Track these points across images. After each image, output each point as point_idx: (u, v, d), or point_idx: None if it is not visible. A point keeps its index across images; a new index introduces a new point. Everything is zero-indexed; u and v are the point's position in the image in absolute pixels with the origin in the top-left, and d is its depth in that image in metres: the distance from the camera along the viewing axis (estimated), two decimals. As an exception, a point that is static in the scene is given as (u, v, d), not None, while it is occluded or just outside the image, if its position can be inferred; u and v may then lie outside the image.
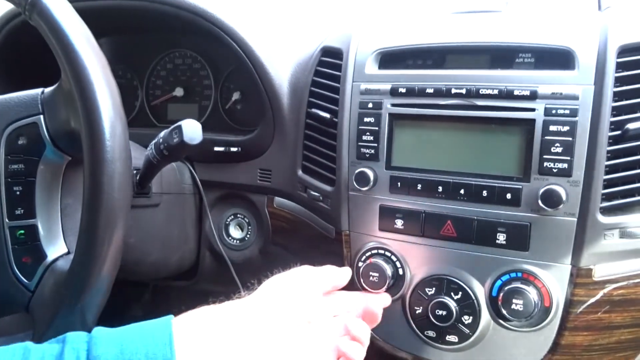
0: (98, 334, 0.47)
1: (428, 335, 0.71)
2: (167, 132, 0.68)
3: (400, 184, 0.70)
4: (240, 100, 1.00)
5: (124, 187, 0.54)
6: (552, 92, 0.62)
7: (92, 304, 0.55)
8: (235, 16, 0.85)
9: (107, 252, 0.53)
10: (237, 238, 0.98)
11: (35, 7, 0.55)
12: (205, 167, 0.94)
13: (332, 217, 0.78)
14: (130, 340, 0.46)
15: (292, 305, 0.57)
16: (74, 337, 0.46)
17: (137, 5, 0.86)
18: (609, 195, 0.61)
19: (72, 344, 0.45)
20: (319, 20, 0.93)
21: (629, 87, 0.61)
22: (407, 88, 0.69)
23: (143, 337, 0.46)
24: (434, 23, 0.74)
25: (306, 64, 0.85)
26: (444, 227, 0.68)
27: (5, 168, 0.60)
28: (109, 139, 0.53)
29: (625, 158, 0.61)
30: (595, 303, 0.64)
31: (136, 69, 1.09)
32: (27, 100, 0.61)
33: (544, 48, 0.64)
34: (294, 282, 0.61)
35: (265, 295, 0.58)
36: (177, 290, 1.23)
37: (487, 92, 0.65)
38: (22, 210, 0.60)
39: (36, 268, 0.60)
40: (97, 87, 0.53)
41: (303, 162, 0.83)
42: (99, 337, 0.46)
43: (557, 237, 0.62)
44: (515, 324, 0.66)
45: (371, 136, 0.71)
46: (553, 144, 0.61)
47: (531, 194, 0.63)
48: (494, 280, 0.66)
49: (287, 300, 0.57)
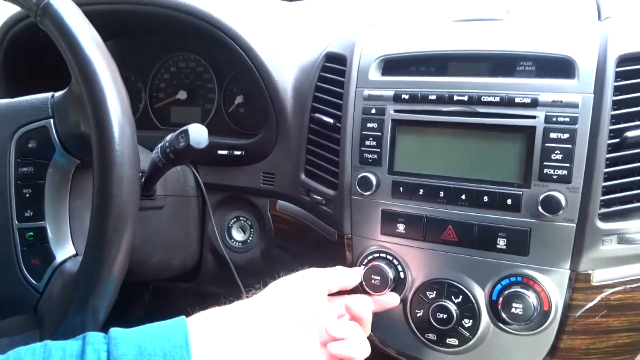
0: (116, 334, 0.47)
1: (429, 338, 0.72)
2: (174, 136, 0.69)
3: (403, 188, 0.71)
4: (244, 103, 1.00)
5: (133, 190, 0.55)
6: (553, 100, 0.63)
7: (100, 306, 0.56)
8: (240, 21, 0.86)
9: (115, 255, 0.54)
10: (240, 240, 0.98)
11: (46, 13, 0.56)
12: (208, 170, 0.95)
13: (334, 221, 0.79)
14: (149, 341, 0.47)
15: (299, 305, 0.58)
16: (94, 337, 0.47)
17: (144, 10, 0.87)
18: (607, 201, 0.62)
19: (93, 344, 0.46)
20: (323, 25, 0.94)
21: (628, 96, 0.62)
22: (410, 94, 0.70)
23: (160, 338, 0.47)
24: (436, 30, 0.75)
25: (310, 69, 0.86)
26: (445, 231, 0.69)
27: (15, 171, 0.61)
28: (118, 143, 0.54)
29: (624, 165, 0.62)
30: (593, 307, 0.65)
31: (140, 72, 1.09)
32: (37, 104, 0.62)
33: (545, 56, 0.65)
34: (301, 283, 0.61)
35: (274, 295, 0.59)
36: (177, 292, 1.24)
37: (488, 100, 0.66)
38: (31, 212, 0.61)
39: (45, 269, 0.61)
40: (107, 92, 0.54)
41: (306, 166, 0.84)
42: (118, 337, 0.47)
43: (556, 242, 0.64)
44: (514, 328, 0.67)
45: (374, 141, 0.72)
46: (553, 151, 0.62)
47: (531, 199, 0.64)
48: (494, 284, 0.67)
49: (294, 301, 0.58)
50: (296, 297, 0.59)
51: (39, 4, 0.56)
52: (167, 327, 0.49)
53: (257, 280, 0.65)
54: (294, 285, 0.61)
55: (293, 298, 0.59)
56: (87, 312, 0.55)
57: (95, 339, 0.47)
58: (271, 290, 0.60)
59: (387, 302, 0.70)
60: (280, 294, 0.59)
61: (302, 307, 0.58)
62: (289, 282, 0.62)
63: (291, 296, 0.59)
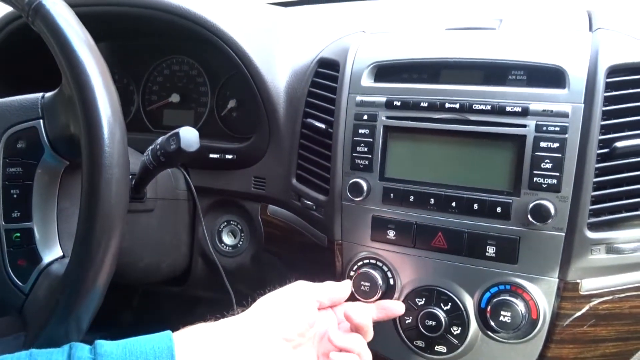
0: (103, 350, 0.48)
1: (417, 345, 0.72)
2: (165, 139, 0.69)
3: (393, 195, 0.71)
4: (236, 107, 1.00)
5: (122, 193, 0.55)
6: (543, 110, 0.63)
7: (86, 308, 0.55)
8: (234, 25, 0.86)
9: (102, 258, 0.54)
10: (230, 245, 0.98)
11: (38, 13, 0.56)
12: (199, 173, 0.95)
13: (325, 226, 0.78)
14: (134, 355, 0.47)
15: (284, 323, 0.59)
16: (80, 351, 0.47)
17: (137, 12, 0.87)
18: (596, 211, 0.62)
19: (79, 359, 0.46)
20: (316, 31, 0.94)
21: (617, 107, 0.62)
22: (402, 101, 0.71)
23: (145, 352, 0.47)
24: (429, 38, 0.76)
25: (303, 75, 0.86)
26: (435, 238, 0.69)
27: (3, 171, 0.61)
28: (108, 145, 0.53)
29: (613, 175, 0.62)
30: (581, 316, 0.65)
31: (133, 74, 1.09)
32: (27, 104, 0.62)
33: (536, 66, 0.66)
34: (288, 298, 0.62)
35: (260, 313, 0.60)
36: (166, 296, 1.23)
37: (480, 108, 0.66)
38: (18, 213, 0.61)
39: (31, 271, 0.60)
40: (97, 94, 0.54)
41: (297, 171, 0.84)
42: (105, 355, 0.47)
43: (545, 251, 0.64)
44: (503, 336, 0.67)
45: (365, 147, 0.73)
46: (543, 159, 0.63)
47: (521, 208, 0.64)
48: (483, 292, 0.67)
49: (280, 318, 0.59)
50: (282, 315, 0.59)
51: (30, 4, 0.56)
52: (153, 342, 0.49)
53: (246, 284, 0.65)
54: (280, 301, 0.61)
55: (279, 315, 0.59)
56: (72, 315, 0.54)
57: (82, 353, 0.47)
58: (258, 307, 0.61)
59: (393, 310, 0.70)
60: (266, 311, 0.60)
61: (287, 324, 0.59)
62: (276, 298, 0.62)
63: (277, 313, 0.60)
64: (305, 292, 0.63)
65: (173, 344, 0.50)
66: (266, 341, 0.56)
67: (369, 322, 0.64)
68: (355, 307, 0.67)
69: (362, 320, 0.63)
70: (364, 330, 0.63)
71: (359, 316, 0.63)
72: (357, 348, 0.62)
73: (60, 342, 0.52)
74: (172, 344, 0.50)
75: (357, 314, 0.63)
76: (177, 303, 1.24)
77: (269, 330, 0.57)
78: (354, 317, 0.62)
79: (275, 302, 0.61)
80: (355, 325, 0.63)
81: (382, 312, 0.70)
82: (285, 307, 0.60)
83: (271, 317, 0.59)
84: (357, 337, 0.63)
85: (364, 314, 0.64)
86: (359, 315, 0.63)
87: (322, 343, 0.64)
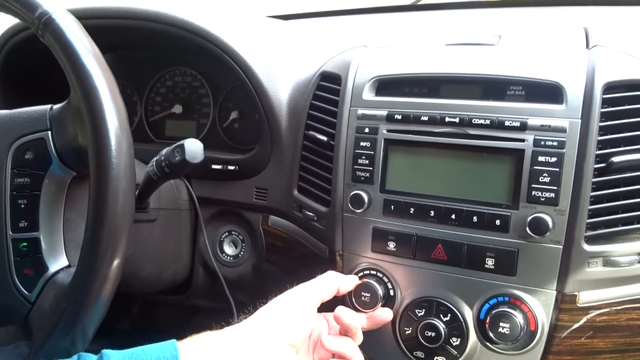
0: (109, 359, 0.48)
1: (417, 356, 0.72)
2: (169, 150, 0.70)
3: (394, 207, 0.72)
4: (238, 119, 1.01)
5: (128, 204, 0.56)
6: (541, 124, 0.64)
7: (92, 318, 0.56)
8: (237, 38, 0.87)
9: (108, 268, 0.54)
10: (231, 255, 0.99)
11: (47, 27, 0.57)
12: (201, 183, 0.96)
13: (326, 237, 0.79)
14: None
15: (286, 330, 0.59)
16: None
17: (142, 25, 0.88)
18: (593, 224, 0.63)
19: None
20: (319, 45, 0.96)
21: (614, 122, 0.63)
22: (403, 115, 0.72)
23: None
24: (430, 53, 0.77)
25: (305, 87, 0.87)
26: (435, 250, 0.70)
27: (11, 181, 0.61)
28: (115, 157, 0.54)
29: (610, 189, 0.63)
30: (578, 328, 0.66)
31: (136, 85, 1.10)
32: (35, 115, 0.63)
33: (534, 82, 0.67)
34: (289, 305, 0.62)
35: (262, 320, 0.61)
36: (166, 305, 1.24)
37: (479, 122, 0.68)
38: (25, 223, 0.61)
39: (37, 280, 0.61)
40: (105, 106, 0.55)
41: (299, 183, 0.85)
42: None
43: (543, 263, 0.65)
44: (501, 347, 0.68)
45: (367, 160, 0.74)
46: (541, 173, 0.64)
47: (519, 221, 0.65)
48: (482, 304, 0.68)
49: (282, 325, 0.60)
50: (285, 320, 0.60)
51: (40, 18, 0.57)
52: (158, 352, 0.50)
53: (247, 294, 0.66)
54: (281, 307, 0.62)
55: (282, 321, 0.60)
56: (77, 324, 0.55)
57: None
58: (261, 314, 0.62)
59: (381, 318, 0.71)
60: (269, 318, 0.61)
61: (291, 329, 0.60)
62: (278, 303, 0.63)
63: (280, 319, 0.60)
64: (306, 296, 0.64)
65: (178, 352, 0.51)
66: (271, 347, 0.57)
67: (357, 324, 0.65)
68: (344, 310, 0.68)
69: (351, 321, 0.64)
70: (352, 332, 0.65)
71: (347, 317, 0.64)
72: (350, 351, 0.63)
73: (65, 351, 0.52)
74: (177, 353, 0.50)
75: (346, 314, 0.64)
76: (176, 312, 1.24)
77: (274, 336, 0.58)
78: (343, 317, 0.64)
79: (278, 308, 0.62)
80: (344, 327, 0.64)
81: (371, 320, 0.71)
82: (288, 313, 0.61)
83: (275, 322, 0.60)
84: (348, 340, 0.64)
85: (353, 315, 0.65)
86: (348, 316, 0.64)
87: (318, 349, 0.65)
